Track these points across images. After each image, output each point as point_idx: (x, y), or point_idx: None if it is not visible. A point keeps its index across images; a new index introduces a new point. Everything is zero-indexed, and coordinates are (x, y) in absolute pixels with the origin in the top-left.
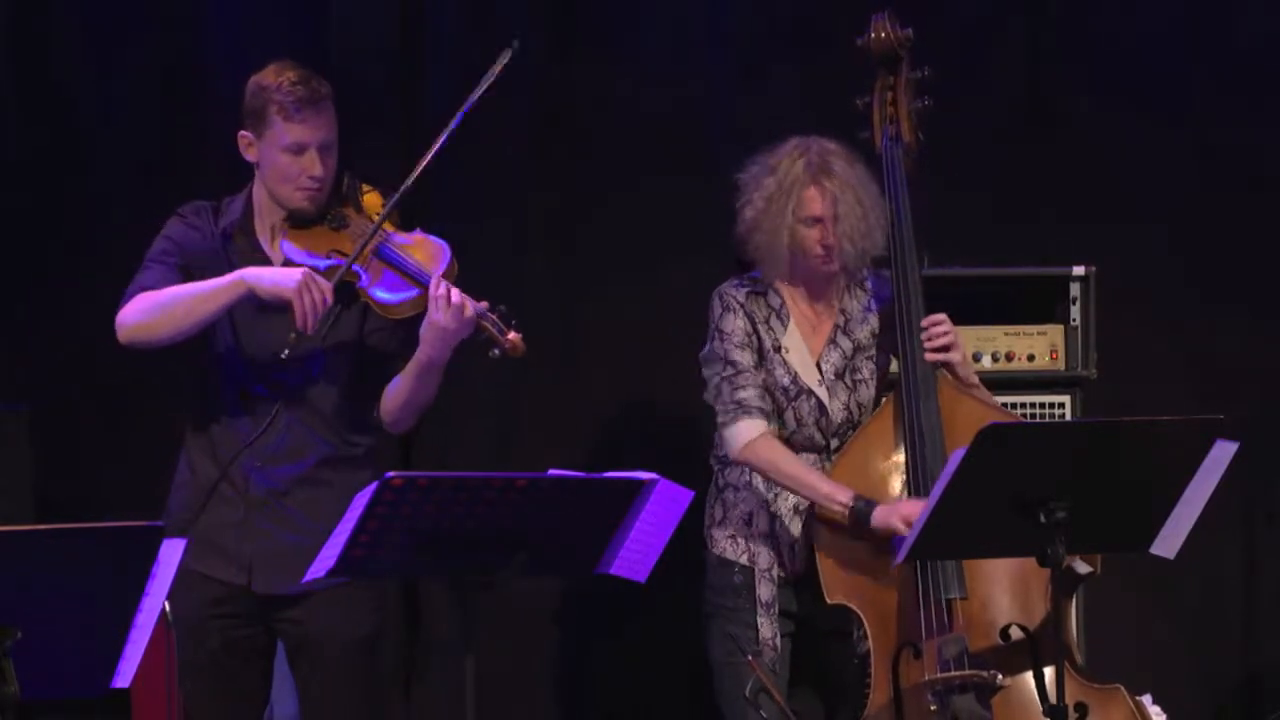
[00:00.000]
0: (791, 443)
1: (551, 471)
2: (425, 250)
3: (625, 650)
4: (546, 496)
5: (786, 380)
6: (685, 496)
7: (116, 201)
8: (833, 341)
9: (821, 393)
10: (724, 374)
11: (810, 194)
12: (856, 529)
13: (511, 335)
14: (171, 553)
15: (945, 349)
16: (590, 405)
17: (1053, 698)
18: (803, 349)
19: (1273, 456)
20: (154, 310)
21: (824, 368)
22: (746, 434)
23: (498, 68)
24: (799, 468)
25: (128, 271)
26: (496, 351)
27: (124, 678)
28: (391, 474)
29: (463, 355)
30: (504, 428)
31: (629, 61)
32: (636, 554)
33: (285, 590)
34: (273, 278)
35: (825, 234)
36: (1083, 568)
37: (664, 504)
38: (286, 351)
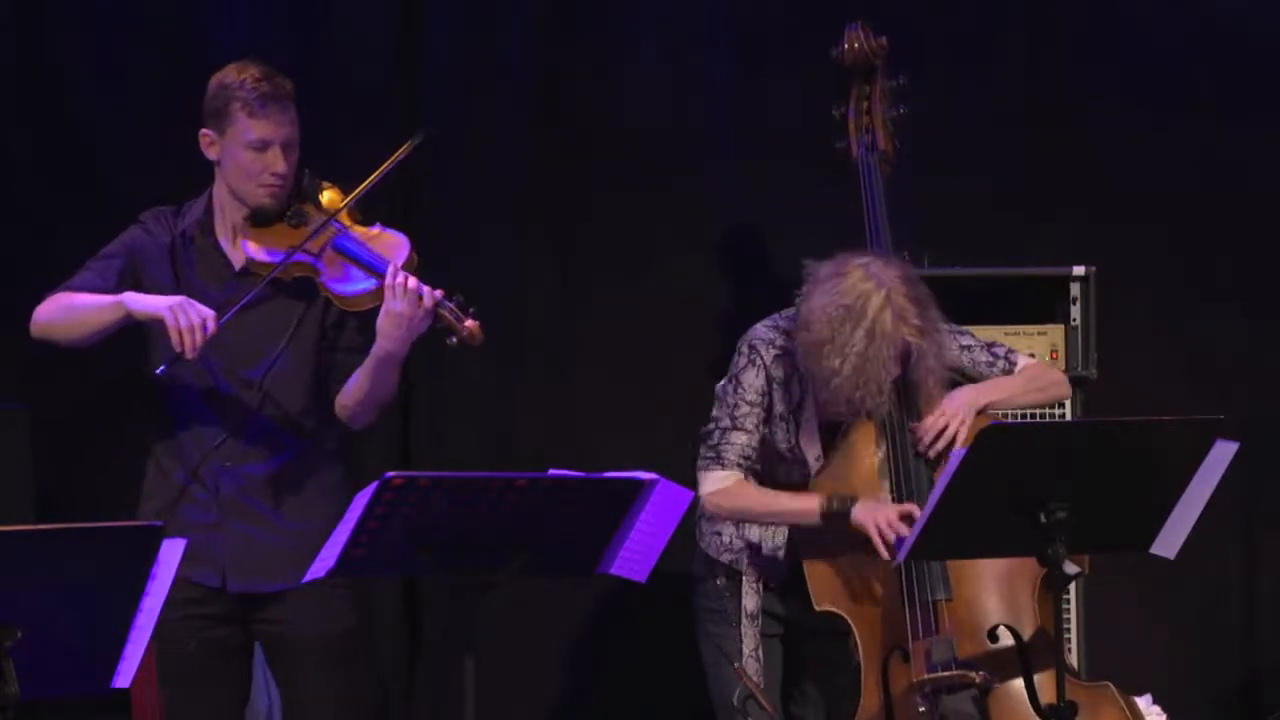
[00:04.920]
0: None
1: (551, 471)
2: (383, 242)
3: (625, 650)
4: (546, 496)
5: (784, 446)
6: (685, 496)
7: (117, 201)
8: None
9: (816, 468)
10: (721, 424)
11: (900, 342)
12: (837, 527)
13: (469, 323)
14: (171, 553)
15: (951, 442)
16: (590, 405)
17: (1049, 697)
18: (813, 421)
19: (1273, 456)
20: (56, 313)
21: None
22: (715, 483)
23: (404, 151)
24: (764, 498)
25: None
26: (454, 339)
27: (124, 678)
28: (391, 474)
29: (463, 356)
30: (504, 428)
31: (629, 61)
32: (636, 554)
33: (261, 589)
34: (145, 302)
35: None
36: (1071, 568)
37: (664, 504)
38: (163, 368)
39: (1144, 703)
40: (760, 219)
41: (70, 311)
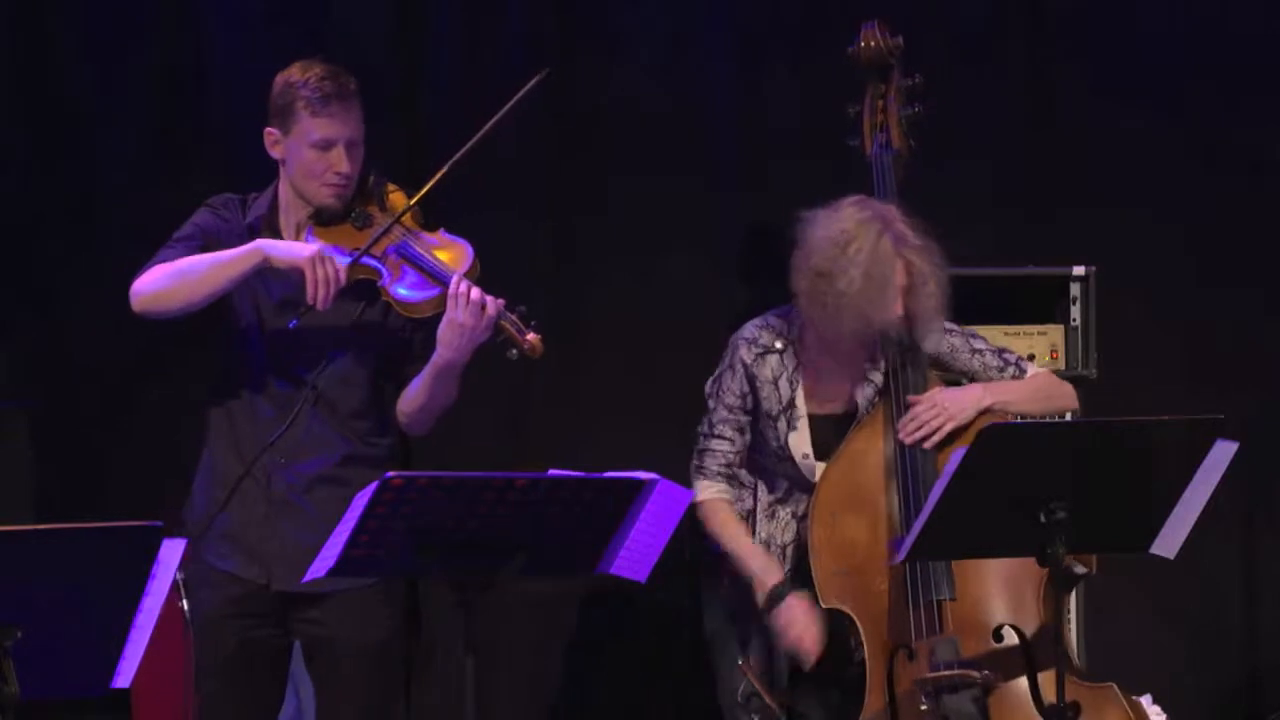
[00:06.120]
0: (784, 504)
1: (551, 471)
2: (448, 250)
3: (626, 650)
4: (546, 496)
5: (775, 444)
6: (685, 496)
7: (117, 200)
8: (838, 416)
9: (805, 465)
10: (703, 429)
11: (904, 264)
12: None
13: (530, 336)
14: (171, 553)
15: (928, 436)
16: (590, 404)
17: (1051, 697)
18: (804, 417)
19: (1273, 456)
20: (170, 278)
21: (818, 439)
22: (701, 494)
23: (530, 85)
24: (736, 542)
25: (129, 270)
26: (515, 352)
27: (124, 678)
28: (391, 474)
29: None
30: (504, 427)
31: (629, 60)
32: (637, 554)
33: (303, 589)
34: (287, 248)
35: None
36: (1079, 568)
37: (664, 504)
38: (294, 322)
39: (1144, 702)
40: (760, 219)
41: (187, 275)
